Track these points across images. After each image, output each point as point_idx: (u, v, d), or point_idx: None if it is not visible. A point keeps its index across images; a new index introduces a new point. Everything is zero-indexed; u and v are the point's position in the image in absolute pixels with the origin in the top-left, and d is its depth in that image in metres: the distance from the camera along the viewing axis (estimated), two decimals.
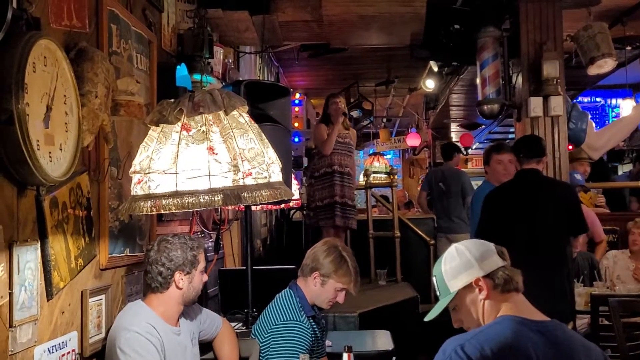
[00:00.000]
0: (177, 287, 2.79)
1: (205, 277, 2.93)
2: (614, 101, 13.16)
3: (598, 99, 13.06)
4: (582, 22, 6.21)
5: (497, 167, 5.35)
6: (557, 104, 5.89)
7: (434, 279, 2.30)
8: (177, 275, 2.78)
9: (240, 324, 3.77)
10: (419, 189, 15.27)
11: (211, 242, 4.48)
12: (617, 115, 12.86)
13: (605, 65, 6.08)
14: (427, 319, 2.38)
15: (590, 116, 6.90)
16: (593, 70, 6.19)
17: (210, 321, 3.15)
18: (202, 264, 2.87)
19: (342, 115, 6.42)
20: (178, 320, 2.89)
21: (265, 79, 7.82)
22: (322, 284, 3.31)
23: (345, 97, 10.36)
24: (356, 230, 6.83)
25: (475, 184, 7.78)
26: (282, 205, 6.65)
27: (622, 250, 6.01)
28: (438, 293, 2.29)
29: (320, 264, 3.30)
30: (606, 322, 4.53)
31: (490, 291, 2.17)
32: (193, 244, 2.85)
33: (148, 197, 2.23)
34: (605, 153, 8.27)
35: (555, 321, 2.14)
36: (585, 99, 12.42)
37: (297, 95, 9.90)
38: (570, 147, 6.68)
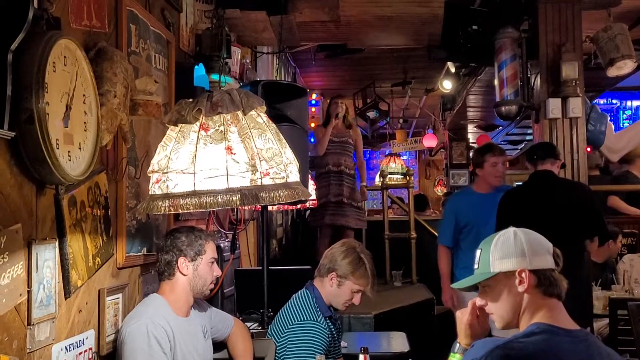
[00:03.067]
0: (182, 274, 2.83)
1: (217, 271, 2.94)
2: (629, 103, 13.06)
3: (614, 101, 12.97)
4: (602, 24, 6.16)
5: (492, 170, 5.02)
6: (576, 105, 5.86)
7: (479, 251, 2.24)
8: (180, 261, 2.82)
9: (256, 324, 3.78)
10: (435, 189, 15.30)
11: (227, 241, 4.48)
12: (630, 117, 12.80)
13: (625, 66, 6.03)
14: (455, 286, 2.40)
15: (609, 118, 6.85)
16: (612, 72, 6.14)
17: (221, 319, 3.16)
18: (209, 254, 2.89)
19: (335, 116, 6.59)
20: (189, 312, 2.91)
21: (282, 79, 7.83)
22: (338, 285, 3.30)
23: (362, 97, 10.35)
24: (371, 230, 6.86)
25: None
26: (299, 206, 6.66)
27: (638, 254, 5.96)
28: (476, 266, 2.24)
29: (337, 264, 3.30)
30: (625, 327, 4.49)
31: (531, 287, 2.11)
32: (200, 234, 2.89)
33: (166, 196, 2.23)
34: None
35: (585, 330, 2.13)
36: (602, 101, 12.33)
37: (314, 96, 9.91)
38: (589, 149, 6.63)
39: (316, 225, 6.75)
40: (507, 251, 2.16)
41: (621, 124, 12.59)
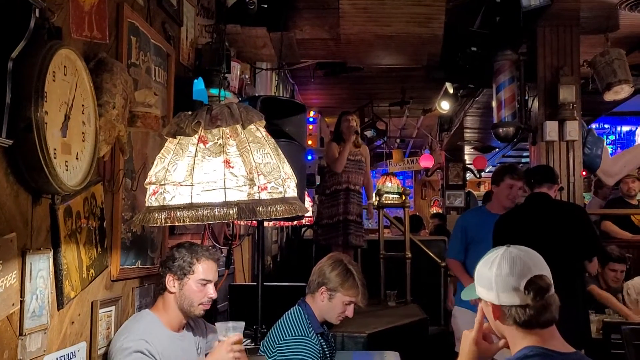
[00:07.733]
0: (169, 291, 2.81)
1: (210, 293, 2.85)
2: (618, 128, 13.13)
3: (606, 126, 13.04)
4: (599, 48, 6.21)
5: (507, 191, 4.98)
6: (573, 128, 5.89)
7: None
8: (168, 278, 2.81)
9: (249, 340, 3.75)
10: (431, 210, 15.30)
11: (222, 256, 4.46)
12: (613, 142, 12.89)
13: (621, 91, 6.07)
14: (463, 297, 2.40)
15: (605, 142, 6.88)
16: (609, 96, 6.18)
17: (213, 337, 3.13)
18: (198, 275, 2.81)
19: (354, 133, 6.34)
20: (183, 328, 2.90)
21: (281, 95, 7.83)
22: (329, 298, 3.31)
23: (359, 116, 10.36)
24: (367, 249, 6.79)
25: None
26: (295, 222, 6.63)
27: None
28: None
29: (326, 278, 3.31)
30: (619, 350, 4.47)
31: (502, 320, 2.09)
32: (194, 253, 2.83)
33: (162, 208, 2.22)
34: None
35: (579, 353, 2.10)
36: (594, 125, 12.40)
37: (312, 113, 9.89)
38: (584, 172, 6.65)
39: (329, 245, 6.34)
40: (482, 278, 2.14)
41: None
